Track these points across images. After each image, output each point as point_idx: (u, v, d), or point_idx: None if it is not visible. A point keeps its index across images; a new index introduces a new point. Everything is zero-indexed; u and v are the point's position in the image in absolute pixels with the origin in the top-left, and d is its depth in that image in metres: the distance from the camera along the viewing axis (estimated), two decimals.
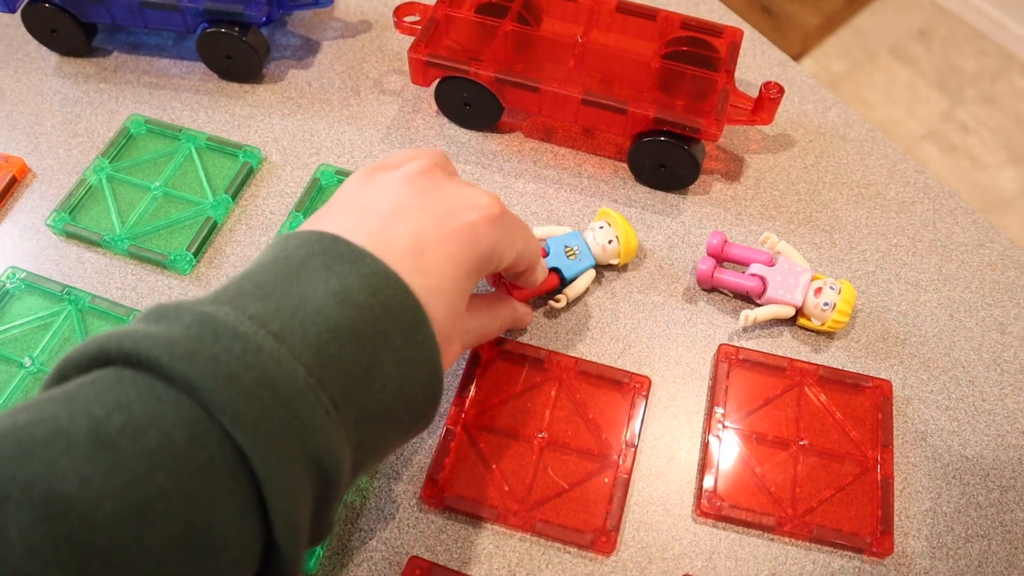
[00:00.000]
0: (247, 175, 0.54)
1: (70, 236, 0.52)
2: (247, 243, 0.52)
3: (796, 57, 1.75)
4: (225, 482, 0.26)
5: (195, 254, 0.51)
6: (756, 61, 0.62)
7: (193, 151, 0.55)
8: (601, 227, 0.49)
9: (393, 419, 0.32)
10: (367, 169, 0.38)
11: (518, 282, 0.44)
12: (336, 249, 0.33)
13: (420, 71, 0.54)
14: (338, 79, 0.60)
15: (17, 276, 0.49)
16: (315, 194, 0.53)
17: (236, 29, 0.56)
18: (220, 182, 0.54)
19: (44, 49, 0.60)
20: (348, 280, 0.31)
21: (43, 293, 0.49)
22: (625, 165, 0.55)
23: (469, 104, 0.55)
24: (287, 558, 0.29)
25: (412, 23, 0.56)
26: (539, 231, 0.50)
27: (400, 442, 0.35)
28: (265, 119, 0.58)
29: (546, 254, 0.49)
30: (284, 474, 0.27)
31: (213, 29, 0.56)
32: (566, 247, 0.49)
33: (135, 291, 0.50)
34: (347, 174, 0.54)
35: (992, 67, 1.74)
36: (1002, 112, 1.69)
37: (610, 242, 0.48)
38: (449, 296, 0.34)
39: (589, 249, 0.49)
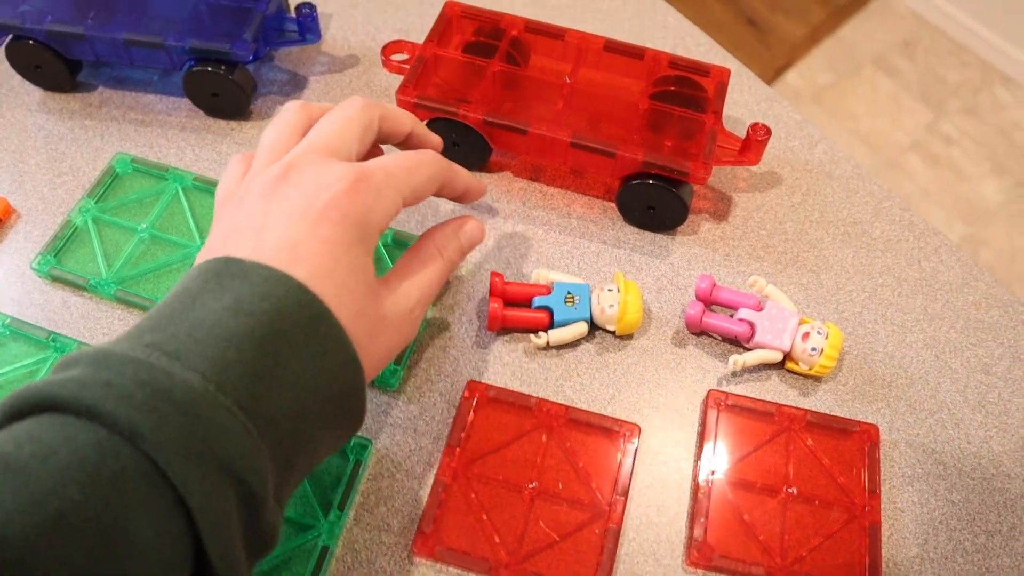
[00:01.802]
0: None
1: (56, 280, 0.51)
2: None
3: (781, 70, 1.76)
4: (141, 489, 0.27)
5: None
6: (742, 96, 0.62)
7: (180, 191, 0.55)
8: (610, 290, 0.49)
9: (315, 413, 0.33)
10: (228, 190, 0.40)
11: (462, 202, 0.45)
12: (228, 269, 0.34)
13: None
14: None
15: (2, 322, 0.49)
16: None
17: (222, 67, 0.56)
18: (207, 223, 0.54)
19: (28, 84, 0.60)
20: (239, 293, 0.32)
21: (28, 340, 0.49)
22: (614, 204, 0.56)
23: (458, 144, 0.55)
24: (217, 567, 0.29)
25: (399, 61, 0.56)
26: (555, 276, 0.50)
27: (335, 439, 0.35)
28: None
29: (549, 292, 0.49)
30: (194, 475, 0.28)
31: (199, 67, 0.56)
32: (568, 293, 0.49)
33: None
34: None
35: (974, 79, 1.76)
36: (984, 124, 1.70)
37: (611, 306, 0.48)
38: (339, 277, 0.35)
39: (589, 305, 0.49)
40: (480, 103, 0.53)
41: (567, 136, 0.51)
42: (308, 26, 0.58)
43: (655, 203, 0.52)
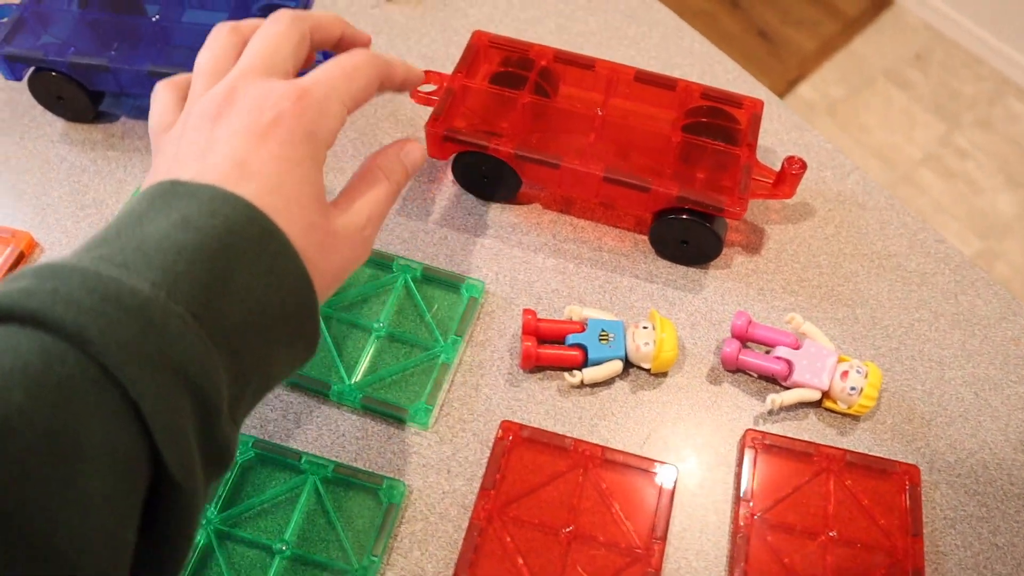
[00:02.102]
0: None
1: None
2: None
3: (793, 83, 1.76)
4: (90, 395, 0.27)
5: None
6: (772, 125, 0.61)
7: None
8: (645, 327, 0.48)
9: (268, 329, 0.33)
10: (162, 121, 0.39)
11: (403, 91, 0.44)
12: (174, 190, 0.33)
13: (437, 145, 0.53)
14: (351, 146, 0.59)
15: None
16: None
17: None
18: None
19: (50, 115, 0.59)
20: (187, 211, 0.32)
21: None
22: (645, 237, 0.55)
23: (487, 177, 0.54)
24: (176, 473, 0.29)
25: (427, 93, 0.55)
26: (588, 312, 0.50)
27: (290, 360, 0.35)
28: None
29: (583, 330, 0.49)
30: (146, 377, 0.28)
31: None
32: (603, 331, 0.48)
33: None
34: None
35: (988, 91, 1.75)
36: (999, 137, 1.69)
37: (646, 344, 0.48)
38: (288, 191, 0.35)
39: (624, 343, 0.48)
40: (511, 136, 0.52)
41: (600, 170, 0.51)
42: (329, 56, 0.57)
43: (689, 237, 0.52)
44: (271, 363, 0.34)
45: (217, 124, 0.36)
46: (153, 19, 0.57)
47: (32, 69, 0.56)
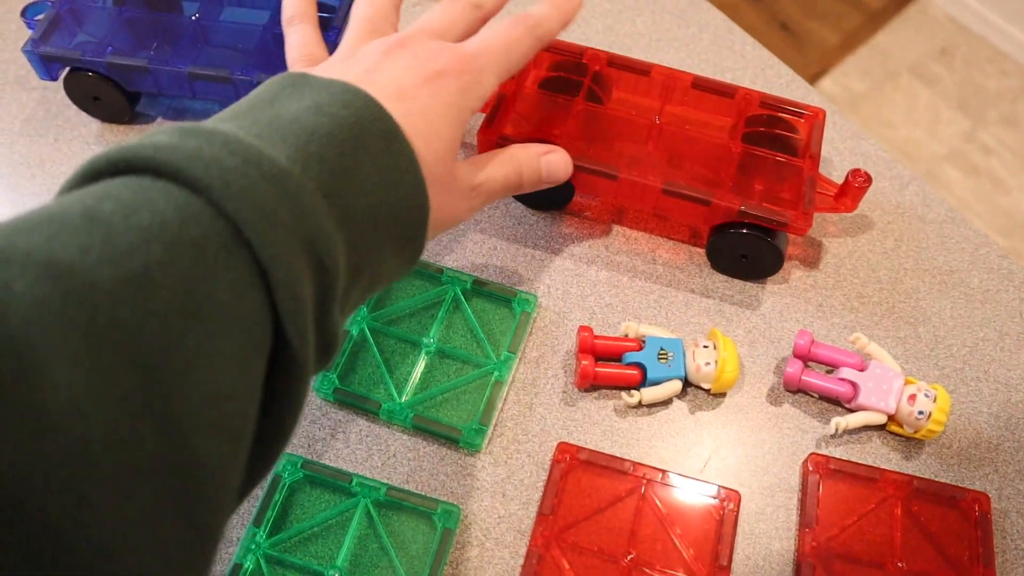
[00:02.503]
0: None
1: None
2: None
3: (815, 77, 1.73)
4: (220, 256, 0.26)
5: None
6: (828, 133, 0.59)
7: None
8: (706, 346, 0.47)
9: (383, 226, 0.34)
10: (309, 53, 0.43)
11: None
12: (305, 80, 0.35)
13: None
14: None
15: None
16: None
17: None
18: None
19: (85, 115, 0.58)
20: (319, 98, 0.33)
21: None
22: (700, 250, 0.53)
23: None
24: (295, 346, 0.28)
25: None
26: (645, 329, 0.48)
27: (394, 265, 0.36)
28: None
29: (641, 348, 0.47)
30: (279, 243, 0.28)
31: None
32: (661, 349, 0.47)
33: None
34: None
35: (1014, 88, 1.72)
36: None
37: (707, 364, 0.46)
38: (431, 124, 0.37)
39: (683, 362, 0.47)
40: (566, 145, 0.50)
41: (659, 182, 0.49)
42: None
43: (748, 252, 0.50)
44: (381, 261, 0.35)
45: (387, 57, 0.39)
46: (192, 17, 0.55)
47: (68, 69, 0.54)
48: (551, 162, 0.47)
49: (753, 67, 0.63)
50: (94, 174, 0.28)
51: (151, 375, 0.24)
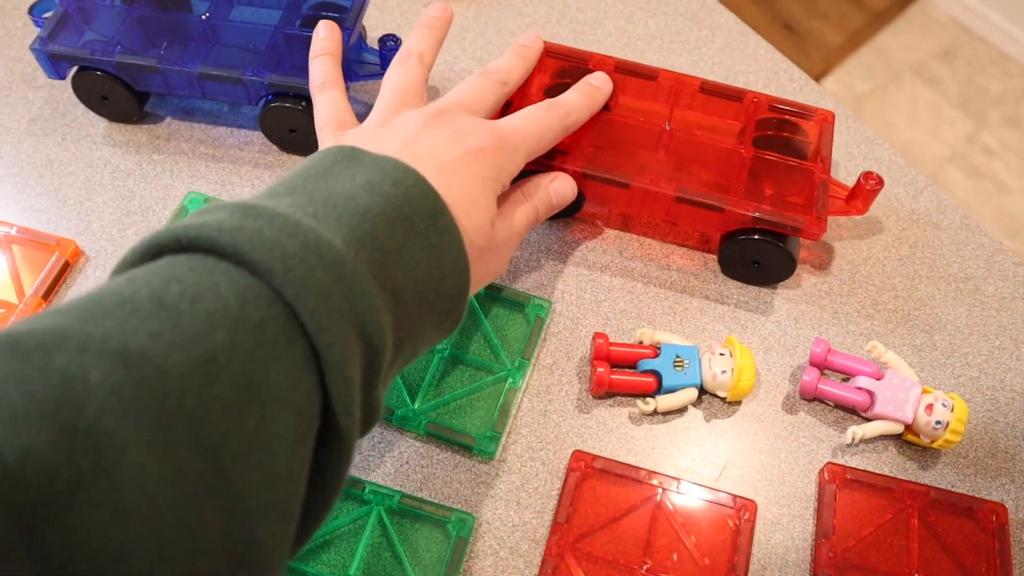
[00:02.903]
0: None
1: None
2: None
3: (818, 76, 1.73)
4: (279, 340, 0.28)
5: None
6: (841, 137, 0.59)
7: None
8: (722, 354, 0.46)
9: (427, 302, 0.35)
10: (341, 118, 0.45)
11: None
12: (357, 156, 0.36)
13: None
14: None
15: None
16: None
17: (302, 103, 0.53)
18: None
19: (92, 115, 0.57)
20: (372, 176, 0.35)
21: None
22: (714, 256, 0.53)
23: None
24: (342, 424, 0.30)
25: None
26: (660, 336, 0.48)
27: (436, 334, 0.37)
28: None
29: (656, 355, 0.47)
30: (334, 328, 0.29)
31: (277, 103, 0.53)
32: (677, 356, 0.46)
33: None
34: None
35: (1017, 89, 1.72)
36: None
37: (723, 372, 0.45)
38: (471, 196, 0.39)
39: (699, 370, 0.46)
40: (576, 154, 0.50)
41: (672, 190, 0.48)
42: (391, 60, 0.54)
43: (761, 258, 0.50)
44: (423, 333, 0.36)
45: (426, 127, 0.40)
46: (203, 17, 0.55)
47: (76, 68, 0.54)
48: (558, 188, 0.47)
49: (766, 70, 0.62)
50: (158, 249, 0.29)
51: (215, 458, 0.25)
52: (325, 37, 0.49)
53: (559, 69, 0.54)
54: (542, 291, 0.51)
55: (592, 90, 0.49)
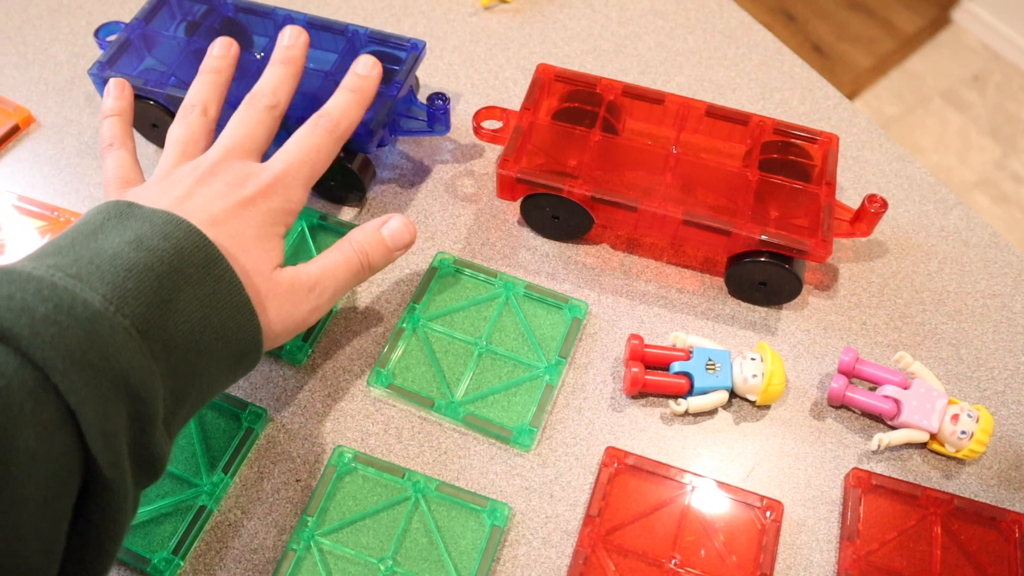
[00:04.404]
0: None
1: None
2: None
3: (847, 99, 1.74)
4: (27, 404, 0.28)
5: (311, 344, 0.50)
6: (874, 155, 0.60)
7: (306, 231, 0.54)
8: (753, 359, 0.48)
9: (207, 349, 0.36)
10: (125, 176, 0.45)
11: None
12: (131, 211, 0.37)
13: (509, 187, 0.52)
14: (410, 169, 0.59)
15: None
16: (434, 283, 0.52)
17: (343, 153, 0.52)
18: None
19: (141, 138, 0.58)
20: (141, 231, 0.35)
21: None
22: (718, 278, 0.54)
23: (557, 217, 0.53)
24: (108, 477, 0.31)
25: (492, 130, 0.54)
26: (693, 340, 0.49)
27: (229, 375, 0.38)
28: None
29: (689, 358, 0.48)
30: (87, 386, 0.29)
31: None
32: (709, 360, 0.48)
33: (248, 381, 0.49)
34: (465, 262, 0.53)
35: None
36: None
37: (754, 376, 0.47)
38: (244, 243, 0.40)
39: (731, 374, 0.48)
40: (586, 178, 0.51)
41: (679, 212, 0.49)
42: (438, 118, 0.54)
43: (767, 279, 0.51)
44: (210, 382, 0.37)
45: (200, 184, 0.41)
46: (258, 55, 0.56)
47: None
48: (393, 230, 0.46)
49: (800, 87, 0.64)
50: None
51: None
52: (116, 97, 0.49)
53: (567, 93, 0.56)
54: (579, 293, 0.52)
55: (359, 81, 0.47)
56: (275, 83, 0.47)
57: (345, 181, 0.54)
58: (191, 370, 0.35)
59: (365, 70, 0.48)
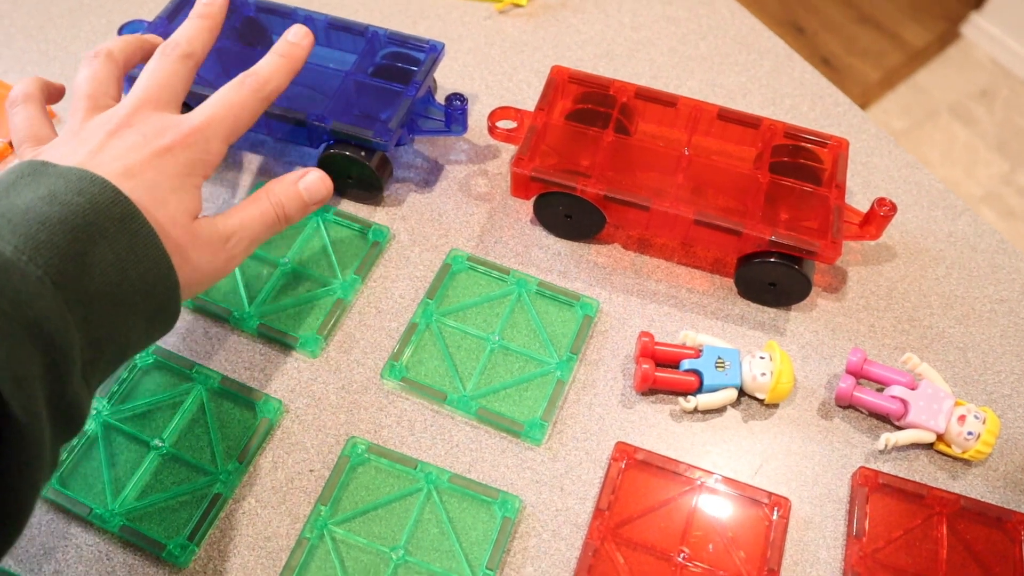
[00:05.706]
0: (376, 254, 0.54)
1: (197, 310, 0.51)
2: (377, 327, 0.51)
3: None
4: None
5: (325, 336, 0.50)
6: (883, 161, 0.61)
7: (321, 225, 0.55)
8: (762, 358, 0.48)
9: (127, 302, 0.36)
10: (35, 134, 0.44)
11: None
12: (44, 169, 0.37)
13: (523, 186, 0.52)
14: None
15: (148, 351, 0.49)
16: (447, 279, 0.53)
17: (362, 152, 0.53)
18: (349, 258, 0.54)
19: None
20: (55, 187, 0.35)
21: (172, 370, 0.49)
22: (728, 279, 0.54)
23: (570, 216, 0.54)
24: (22, 422, 0.30)
25: (507, 130, 0.55)
26: (703, 338, 0.50)
27: (147, 333, 0.38)
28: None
29: (698, 356, 0.49)
30: None
31: (337, 149, 0.53)
32: (719, 358, 0.48)
33: (263, 372, 0.49)
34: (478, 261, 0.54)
35: None
36: None
37: (763, 374, 0.47)
38: (160, 195, 0.39)
39: (740, 372, 0.48)
40: (598, 177, 0.51)
41: (691, 213, 0.50)
42: (456, 118, 0.55)
43: (777, 280, 0.51)
44: (127, 333, 0.37)
45: (113, 136, 0.40)
46: None
47: None
48: (309, 184, 0.46)
49: (811, 94, 0.65)
50: None
51: None
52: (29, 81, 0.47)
53: (581, 95, 0.57)
54: (590, 291, 0.53)
55: (289, 48, 0.47)
56: (190, 33, 0.46)
57: (363, 179, 0.55)
58: (109, 321, 0.35)
59: (296, 38, 0.47)
